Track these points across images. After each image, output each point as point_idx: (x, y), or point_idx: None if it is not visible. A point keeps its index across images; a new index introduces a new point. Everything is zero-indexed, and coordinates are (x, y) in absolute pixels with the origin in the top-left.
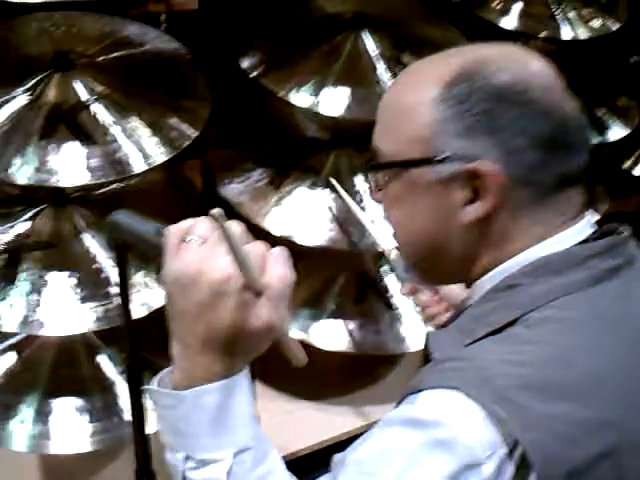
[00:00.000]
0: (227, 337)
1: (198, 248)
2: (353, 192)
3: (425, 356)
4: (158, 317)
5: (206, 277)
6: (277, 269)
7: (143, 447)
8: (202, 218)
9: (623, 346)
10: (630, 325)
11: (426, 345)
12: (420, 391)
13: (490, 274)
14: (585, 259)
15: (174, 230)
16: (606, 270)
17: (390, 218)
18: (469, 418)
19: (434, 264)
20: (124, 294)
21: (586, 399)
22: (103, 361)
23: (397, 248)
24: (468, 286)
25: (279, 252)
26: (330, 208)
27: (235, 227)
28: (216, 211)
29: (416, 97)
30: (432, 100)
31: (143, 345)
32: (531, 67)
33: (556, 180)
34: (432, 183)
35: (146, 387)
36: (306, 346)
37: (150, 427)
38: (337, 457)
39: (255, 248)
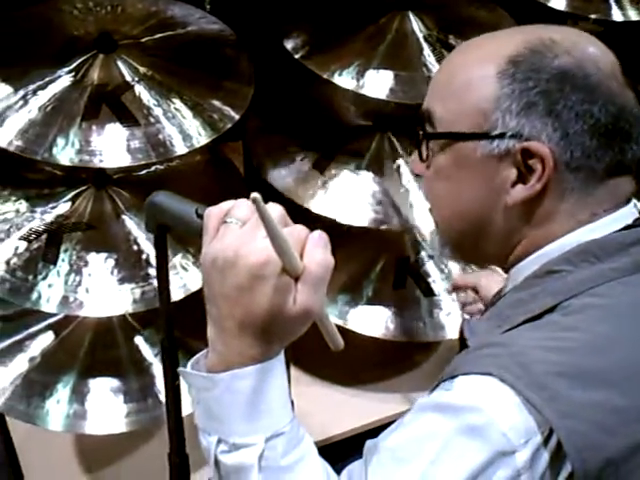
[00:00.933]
0: (264, 321)
1: (237, 230)
2: (396, 175)
3: (461, 343)
4: (195, 299)
5: (244, 260)
6: (316, 253)
7: (177, 429)
8: (242, 200)
9: None
10: None
11: (461, 332)
12: (454, 377)
13: (529, 259)
14: (627, 246)
15: (214, 212)
16: None
17: (432, 192)
18: (504, 404)
19: (472, 243)
20: (162, 275)
21: (624, 388)
22: (140, 342)
23: (435, 223)
24: (506, 271)
25: (319, 236)
26: (374, 190)
27: (275, 210)
28: (255, 195)
29: (479, 70)
30: (495, 75)
31: (180, 327)
32: (594, 53)
33: (607, 168)
34: (483, 158)
35: (180, 369)
36: (344, 331)
37: (184, 409)
38: (369, 443)
39: (295, 232)
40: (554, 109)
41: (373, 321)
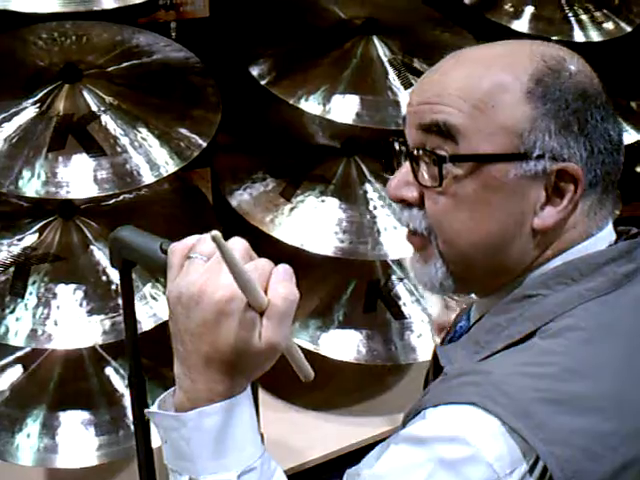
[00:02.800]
0: (230, 357)
1: (202, 266)
2: (364, 200)
3: (435, 369)
4: (168, 328)
5: (209, 296)
6: (281, 288)
7: (147, 465)
8: (206, 235)
9: None
10: None
11: (434, 358)
12: (435, 407)
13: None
14: (601, 265)
15: (178, 247)
16: (624, 275)
17: (447, 220)
18: (489, 434)
19: (482, 273)
20: (129, 311)
21: (608, 412)
22: (111, 374)
23: (440, 255)
24: (482, 295)
25: (283, 270)
26: (340, 218)
27: (238, 244)
28: (214, 233)
29: (504, 88)
30: (525, 94)
31: (153, 356)
32: (591, 70)
33: (612, 183)
34: (516, 180)
35: (147, 410)
36: (315, 356)
37: (155, 442)
38: (350, 471)
39: (259, 266)
40: (585, 129)
41: (344, 345)
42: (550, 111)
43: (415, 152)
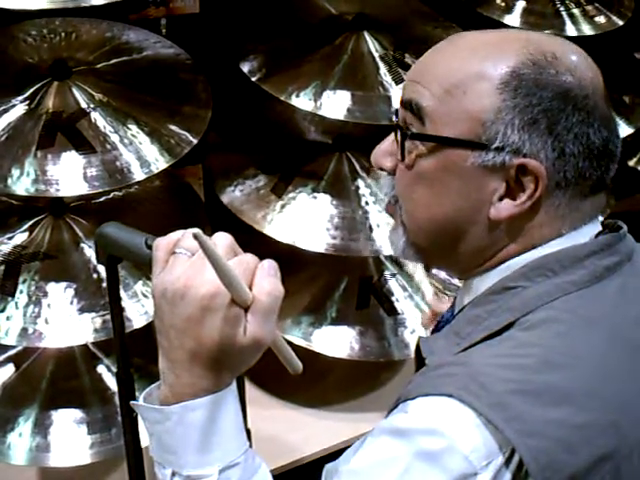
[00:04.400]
0: (214, 352)
1: (186, 261)
2: (356, 196)
3: (417, 362)
4: None
5: (193, 292)
6: (265, 283)
7: (136, 462)
8: (190, 230)
9: (620, 347)
10: (628, 326)
11: (417, 350)
12: (413, 398)
13: (489, 273)
14: (583, 258)
15: (162, 242)
16: (605, 267)
17: (408, 193)
18: (464, 426)
19: (441, 250)
20: (115, 307)
21: (584, 403)
22: (103, 371)
23: (402, 223)
24: (463, 278)
25: (268, 265)
26: (332, 214)
27: (222, 240)
28: (195, 231)
29: (480, 77)
30: (497, 85)
31: (143, 354)
32: (591, 73)
33: (592, 187)
34: (473, 168)
35: (133, 402)
36: (308, 353)
37: (144, 441)
38: (329, 466)
39: (244, 261)
40: (554, 129)
41: (337, 342)
42: (518, 105)
43: (396, 125)
